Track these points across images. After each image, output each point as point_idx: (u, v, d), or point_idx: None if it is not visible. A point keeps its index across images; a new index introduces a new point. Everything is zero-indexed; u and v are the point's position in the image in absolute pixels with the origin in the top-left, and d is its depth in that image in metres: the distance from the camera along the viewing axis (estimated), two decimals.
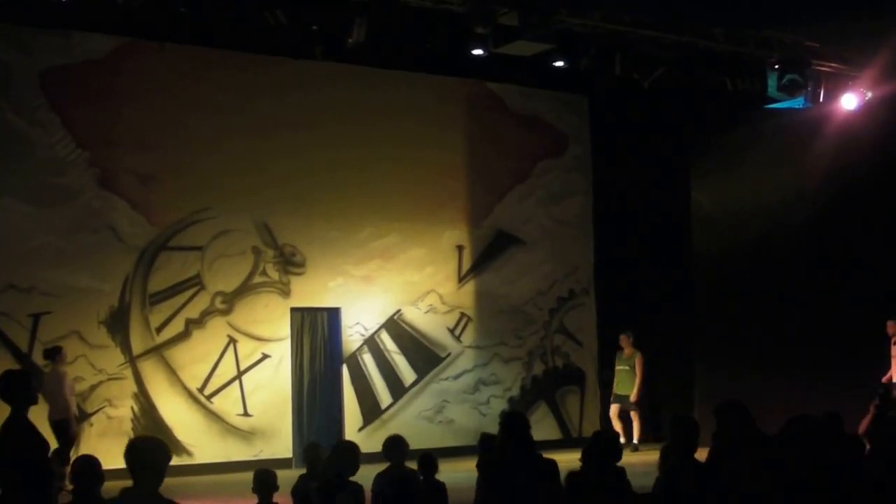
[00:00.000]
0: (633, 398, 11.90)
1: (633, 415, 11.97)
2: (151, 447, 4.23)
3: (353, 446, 5.65)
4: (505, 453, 5.29)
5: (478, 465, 5.96)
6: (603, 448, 5.16)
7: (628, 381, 11.93)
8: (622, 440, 10.88)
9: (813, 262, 11.52)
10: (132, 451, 4.15)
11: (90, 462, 4.93)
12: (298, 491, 5.95)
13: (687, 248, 12.86)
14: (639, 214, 13.18)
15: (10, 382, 5.19)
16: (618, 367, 11.96)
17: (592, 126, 13.48)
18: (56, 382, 9.66)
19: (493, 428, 6.17)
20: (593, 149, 13.50)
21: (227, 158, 11.48)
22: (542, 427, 12.31)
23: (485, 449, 5.91)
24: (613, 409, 11.90)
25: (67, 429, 9.67)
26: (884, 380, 10.11)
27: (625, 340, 11.94)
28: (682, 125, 12.80)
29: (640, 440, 11.84)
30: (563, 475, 5.29)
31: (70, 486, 8.75)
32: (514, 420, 5.57)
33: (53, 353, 9.90)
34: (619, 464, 5.14)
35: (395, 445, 5.85)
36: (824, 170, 11.34)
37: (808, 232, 11.58)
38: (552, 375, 13.07)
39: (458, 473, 5.97)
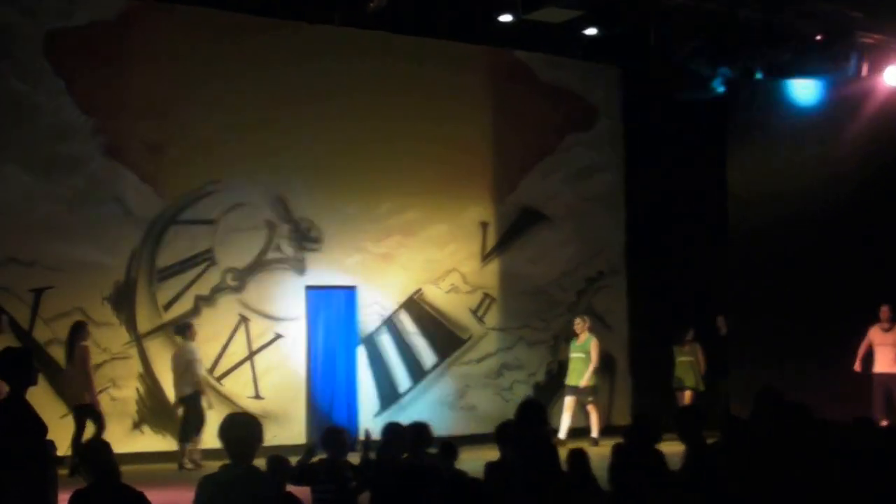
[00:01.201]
0: (583, 383, 11.34)
1: (591, 407, 11.48)
2: (248, 422, 4.53)
3: (402, 428, 5.75)
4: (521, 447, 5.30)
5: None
6: (644, 430, 5.34)
7: (583, 369, 11.41)
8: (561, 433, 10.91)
9: (853, 241, 11.29)
10: (231, 427, 4.44)
11: (104, 448, 4.79)
12: (324, 472, 5.70)
13: (723, 226, 12.65)
14: (672, 192, 12.85)
15: (9, 361, 5.13)
16: (572, 355, 11.49)
17: (624, 98, 13.19)
18: (186, 358, 10.07)
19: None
20: (624, 123, 13.19)
21: (241, 128, 11.26)
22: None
23: (501, 442, 5.80)
24: (567, 402, 11.32)
25: (197, 404, 10.15)
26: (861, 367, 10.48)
27: (579, 324, 11.44)
28: (718, 99, 12.54)
29: (600, 433, 11.29)
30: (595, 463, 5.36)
31: (190, 466, 9.90)
32: (529, 410, 5.58)
33: (184, 329, 10.27)
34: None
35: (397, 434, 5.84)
36: (864, 146, 11.13)
37: (847, 210, 11.34)
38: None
39: (481, 463, 5.70)
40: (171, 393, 10.74)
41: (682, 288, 12.72)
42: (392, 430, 5.80)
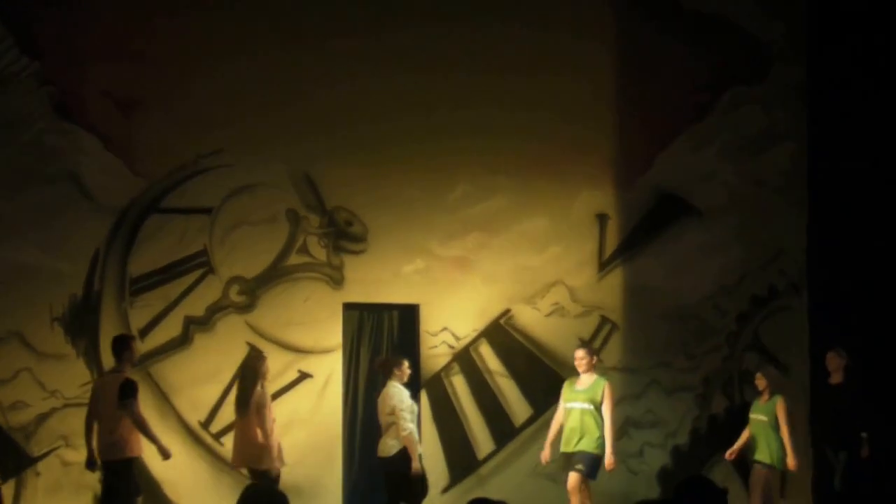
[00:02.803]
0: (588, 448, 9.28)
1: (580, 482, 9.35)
2: (272, 498, 4.45)
3: None
4: None
5: None
6: None
7: (592, 427, 9.43)
8: None
9: None
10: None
11: None
12: None
13: None
14: (879, 174, 11.12)
15: None
16: (567, 405, 9.35)
17: (810, 37, 11.50)
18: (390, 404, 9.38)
19: (648, 492, 6.83)
20: (810, 73, 11.47)
21: (251, 78, 10.26)
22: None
23: None
24: (572, 480, 9.22)
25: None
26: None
27: (583, 359, 9.39)
28: None
29: None
30: None
31: None
32: (696, 492, 4.76)
33: (390, 367, 9.46)
34: None
35: None
36: None
37: None
38: (741, 415, 10.90)
39: None
40: (150, 455, 9.37)
41: (892, 313, 10.94)
42: None
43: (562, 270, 11.02)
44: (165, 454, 8.25)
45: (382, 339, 10.61)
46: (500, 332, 10.84)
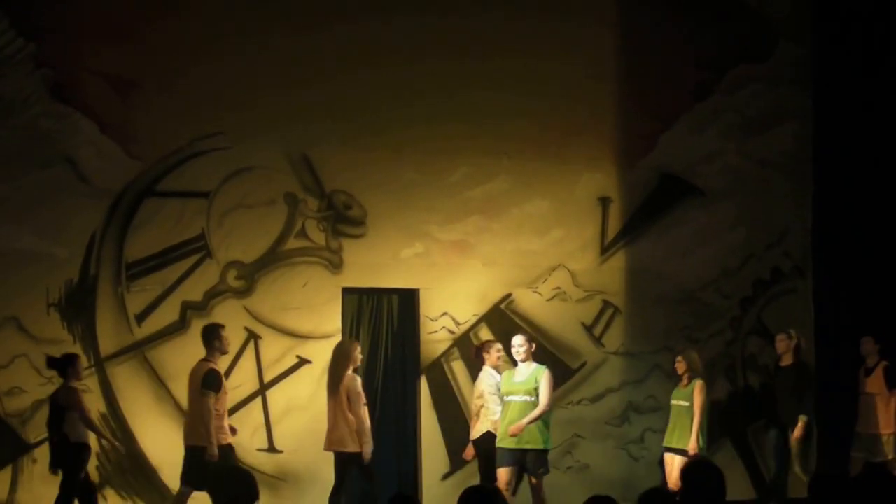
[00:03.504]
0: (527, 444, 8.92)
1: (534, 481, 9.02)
2: (240, 479, 4.65)
3: None
4: None
5: None
6: None
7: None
8: None
9: None
10: (218, 486, 4.66)
11: None
12: None
13: None
14: (886, 154, 11.07)
15: None
16: (506, 398, 9.03)
17: (815, 14, 11.53)
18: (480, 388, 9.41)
19: (649, 478, 6.91)
20: (816, 50, 11.49)
21: (249, 60, 10.27)
22: (728, 482, 9.87)
23: None
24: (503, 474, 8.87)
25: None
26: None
27: (521, 346, 9.07)
28: None
29: None
30: None
31: None
32: (701, 478, 4.84)
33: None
34: None
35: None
36: None
37: None
38: (745, 401, 11.27)
39: None
40: (147, 442, 9.83)
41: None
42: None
43: (563, 254, 11.01)
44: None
45: (382, 323, 10.66)
46: (501, 317, 10.80)
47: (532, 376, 8.96)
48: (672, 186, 11.40)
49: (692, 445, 9.16)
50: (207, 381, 8.49)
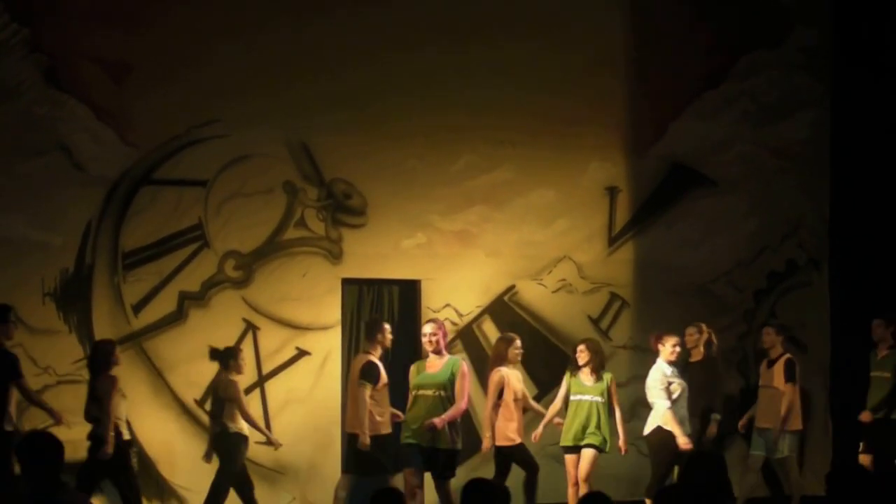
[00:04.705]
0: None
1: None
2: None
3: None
4: None
5: None
6: None
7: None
8: None
9: None
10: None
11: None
12: None
13: None
14: None
15: None
16: (413, 392, 8.74)
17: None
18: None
19: None
20: (833, 35, 11.37)
21: (248, 46, 10.18)
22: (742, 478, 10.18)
23: None
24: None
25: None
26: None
27: (434, 335, 8.72)
28: None
29: None
30: None
31: None
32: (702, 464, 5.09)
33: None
34: None
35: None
36: None
37: None
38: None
39: None
40: (144, 434, 9.75)
41: None
42: (473, 495, 4.95)
43: (569, 245, 10.89)
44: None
45: (383, 315, 10.40)
46: (505, 309, 10.73)
47: (444, 369, 8.56)
48: (682, 176, 11.29)
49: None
50: (365, 373, 8.70)
